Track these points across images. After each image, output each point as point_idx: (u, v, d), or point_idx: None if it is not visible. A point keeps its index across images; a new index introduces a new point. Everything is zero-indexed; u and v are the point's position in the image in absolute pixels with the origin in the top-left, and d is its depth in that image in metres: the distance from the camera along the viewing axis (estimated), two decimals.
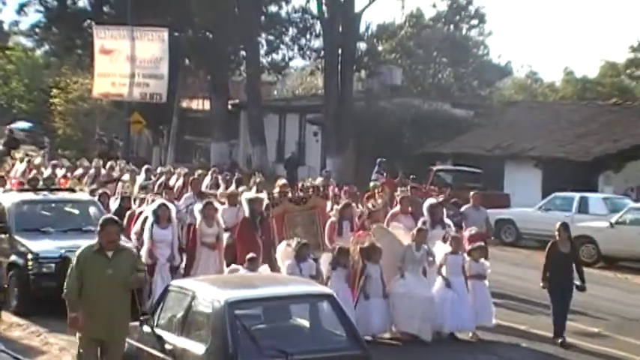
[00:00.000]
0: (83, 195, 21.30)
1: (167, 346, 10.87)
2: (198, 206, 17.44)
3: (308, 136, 47.04)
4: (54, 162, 30.77)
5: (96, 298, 10.54)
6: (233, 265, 14.64)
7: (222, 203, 19.31)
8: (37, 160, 32.17)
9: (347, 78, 44.30)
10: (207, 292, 10.83)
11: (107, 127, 48.75)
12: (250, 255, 14.35)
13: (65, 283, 10.72)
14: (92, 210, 19.36)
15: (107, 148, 46.17)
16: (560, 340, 15.64)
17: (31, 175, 26.38)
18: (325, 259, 15.29)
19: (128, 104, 42.15)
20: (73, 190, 21.76)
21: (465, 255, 16.00)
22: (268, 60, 49.87)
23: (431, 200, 18.38)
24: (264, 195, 18.16)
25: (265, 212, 17.52)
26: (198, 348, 10.38)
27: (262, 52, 48.76)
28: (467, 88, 59.72)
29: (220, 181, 24.56)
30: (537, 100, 58.35)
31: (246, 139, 48.01)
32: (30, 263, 16.94)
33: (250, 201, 17.52)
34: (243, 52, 48.36)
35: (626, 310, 18.62)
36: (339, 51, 44.15)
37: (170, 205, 16.86)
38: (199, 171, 24.94)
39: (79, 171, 27.57)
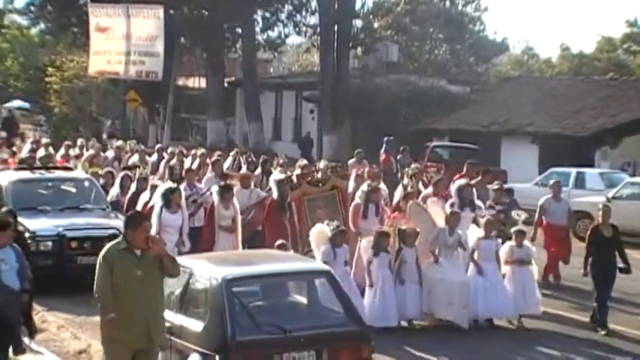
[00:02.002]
0: (80, 173, 21.35)
1: (165, 324, 10.87)
2: (215, 188, 16.84)
3: (304, 114, 47.00)
4: (67, 142, 30.17)
5: (125, 303, 9.46)
6: None
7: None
8: (45, 140, 31.59)
9: (343, 55, 44.19)
10: (205, 269, 10.84)
11: (103, 105, 48.64)
12: (280, 242, 13.96)
13: (95, 285, 9.63)
14: (89, 188, 19.43)
15: (109, 128, 46.12)
16: (604, 332, 15.15)
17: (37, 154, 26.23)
18: (366, 244, 14.99)
19: (124, 82, 42.13)
20: (69, 169, 21.79)
21: (498, 240, 15.63)
22: (264, 37, 49.80)
23: (460, 181, 17.91)
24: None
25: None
26: (196, 325, 10.40)
27: (258, 29, 48.66)
28: (463, 64, 59.58)
29: (243, 163, 23.70)
30: (534, 75, 58.25)
31: (243, 117, 47.95)
32: (28, 242, 16.93)
33: (279, 182, 16.94)
34: (239, 30, 48.19)
35: (624, 285, 18.57)
36: (335, 28, 44.00)
37: (181, 190, 16.31)
38: (218, 152, 24.37)
39: (91, 152, 27.07)
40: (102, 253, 9.63)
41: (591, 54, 62.89)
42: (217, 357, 9.89)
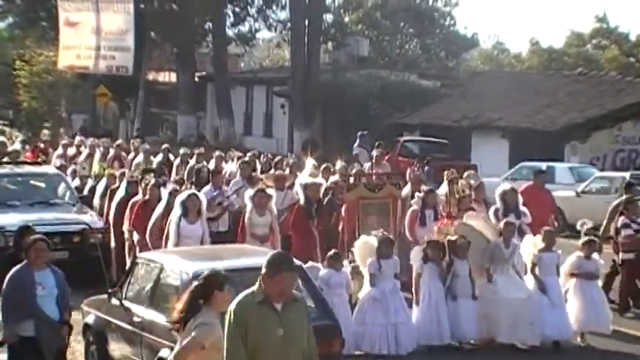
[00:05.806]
0: (49, 168, 21.24)
1: (135, 319, 10.84)
2: (249, 192, 15.47)
3: (275, 108, 46.91)
4: (64, 141, 29.12)
5: None
6: (311, 263, 12.79)
7: (269, 187, 16.66)
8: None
9: (314, 49, 44.14)
10: (175, 264, 10.80)
11: (73, 99, 48.42)
12: (333, 252, 13.27)
13: (225, 353, 7.15)
14: (58, 183, 19.35)
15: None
16: None
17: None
18: (416, 253, 13.75)
19: (94, 76, 41.97)
20: (39, 164, 21.69)
21: (560, 251, 14.24)
22: (235, 32, 49.74)
23: (504, 186, 16.48)
24: (321, 180, 16.46)
25: (333, 198, 15.87)
26: (166, 320, 10.34)
27: (229, 23, 48.58)
28: (434, 59, 59.65)
29: (258, 164, 22.15)
30: (504, 70, 58.42)
31: (213, 112, 47.84)
32: None
33: (305, 187, 15.77)
34: (209, 24, 48.09)
35: None
36: (306, 22, 43.97)
37: (201, 197, 14.86)
38: (249, 154, 22.99)
39: (86, 151, 25.82)
40: (231, 307, 7.22)
41: (561, 49, 63.15)
42: None
